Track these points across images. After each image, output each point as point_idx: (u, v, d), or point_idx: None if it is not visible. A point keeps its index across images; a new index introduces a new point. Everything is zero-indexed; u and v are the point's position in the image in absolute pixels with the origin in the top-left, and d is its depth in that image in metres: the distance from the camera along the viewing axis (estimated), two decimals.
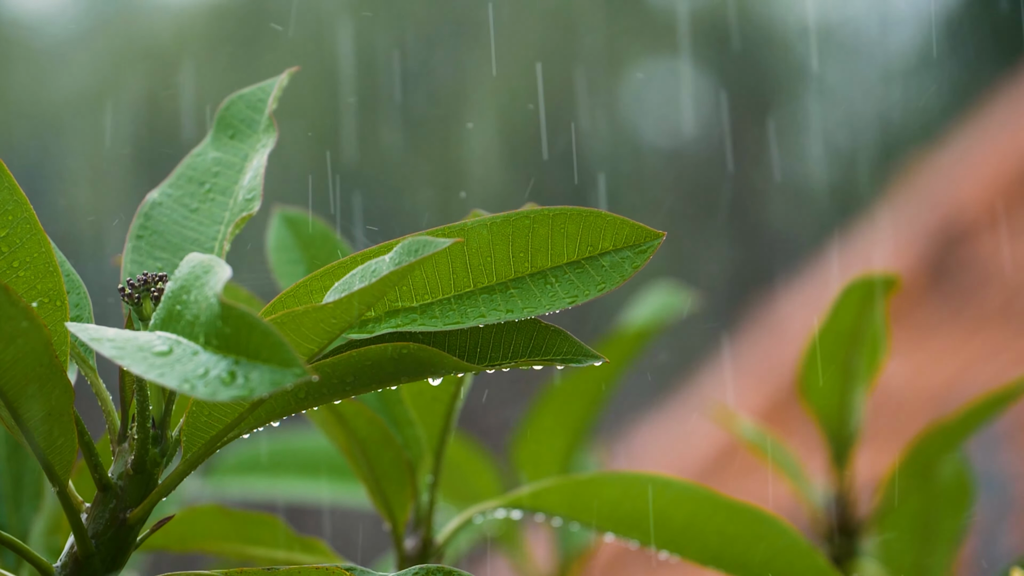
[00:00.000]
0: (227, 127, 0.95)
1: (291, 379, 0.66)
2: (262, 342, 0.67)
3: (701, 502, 1.07)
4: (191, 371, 0.68)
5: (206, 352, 0.70)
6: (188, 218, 0.92)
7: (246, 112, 0.96)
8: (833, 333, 1.53)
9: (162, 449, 0.84)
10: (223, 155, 0.94)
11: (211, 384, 0.67)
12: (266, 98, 0.96)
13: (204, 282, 0.72)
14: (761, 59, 6.04)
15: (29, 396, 0.77)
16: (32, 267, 0.84)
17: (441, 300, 0.84)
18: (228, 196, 0.93)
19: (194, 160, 0.95)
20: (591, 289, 0.83)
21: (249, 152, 0.94)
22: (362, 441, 1.08)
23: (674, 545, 1.08)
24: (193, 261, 0.75)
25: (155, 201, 0.94)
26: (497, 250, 0.83)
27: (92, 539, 0.83)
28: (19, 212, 0.84)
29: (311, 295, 0.83)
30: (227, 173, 0.93)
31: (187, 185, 0.93)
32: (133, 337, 0.72)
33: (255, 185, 0.91)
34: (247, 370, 0.68)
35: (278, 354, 0.67)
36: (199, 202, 0.93)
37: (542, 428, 1.74)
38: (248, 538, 1.14)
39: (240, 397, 0.66)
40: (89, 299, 0.88)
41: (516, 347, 0.83)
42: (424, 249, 0.75)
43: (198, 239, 0.92)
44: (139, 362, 0.69)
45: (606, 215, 0.83)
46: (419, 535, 1.15)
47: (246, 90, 0.96)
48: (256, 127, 0.95)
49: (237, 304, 0.69)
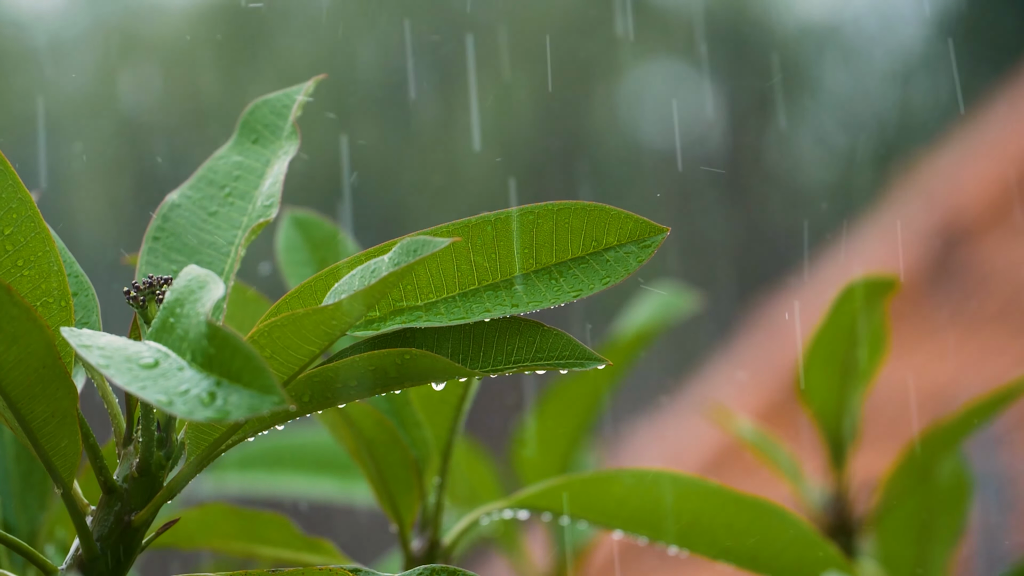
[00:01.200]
0: (250, 132, 0.95)
1: (268, 406, 0.66)
2: (244, 365, 0.67)
3: (710, 496, 1.06)
4: (173, 387, 0.68)
5: (191, 369, 0.69)
6: (206, 221, 0.92)
7: (270, 118, 0.95)
8: (832, 334, 1.53)
9: (167, 452, 0.83)
10: (245, 159, 0.93)
11: (190, 403, 0.67)
12: (291, 104, 0.95)
13: (197, 297, 0.72)
14: (762, 60, 6.04)
15: (32, 398, 0.77)
16: (36, 266, 0.83)
17: (446, 298, 0.83)
18: (247, 201, 0.92)
19: (215, 163, 0.94)
20: (595, 283, 0.83)
21: (271, 158, 0.93)
22: (369, 442, 1.07)
23: (683, 540, 1.07)
24: (190, 274, 0.75)
25: (174, 203, 0.93)
26: (501, 246, 0.83)
27: (97, 542, 0.83)
28: (23, 210, 0.83)
29: (315, 296, 0.83)
30: (247, 178, 0.93)
31: (207, 188, 0.93)
32: (123, 346, 0.72)
33: (275, 191, 0.90)
34: (227, 392, 0.67)
35: (258, 379, 0.67)
36: (218, 205, 0.92)
37: (542, 430, 1.74)
38: (255, 537, 1.14)
39: (216, 419, 0.66)
40: (97, 301, 0.88)
41: (519, 352, 0.83)
42: (423, 249, 0.75)
43: (215, 243, 0.91)
44: (124, 373, 0.68)
45: (610, 209, 0.83)
46: (426, 536, 1.14)
47: (271, 95, 0.96)
48: (279, 133, 0.94)
49: (222, 325, 0.68)
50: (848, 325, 1.51)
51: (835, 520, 1.58)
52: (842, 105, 5.89)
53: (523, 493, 1.08)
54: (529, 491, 1.07)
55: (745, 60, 6.06)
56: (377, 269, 0.76)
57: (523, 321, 0.83)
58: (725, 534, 1.06)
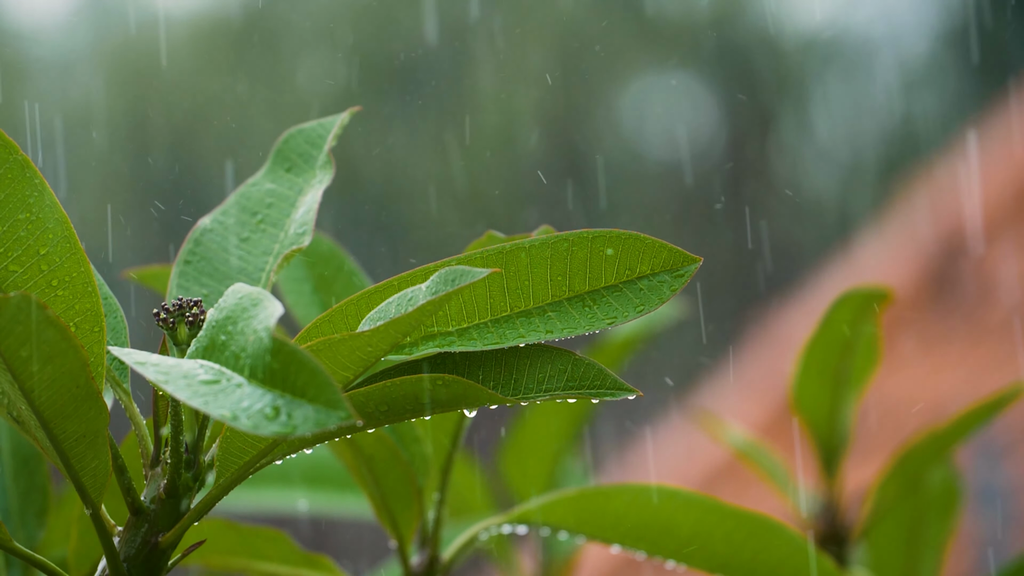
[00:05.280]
0: (284, 160, 0.95)
1: (335, 421, 0.66)
2: (310, 380, 0.67)
3: (707, 511, 1.07)
4: (235, 402, 0.68)
5: (250, 385, 0.69)
6: (238, 247, 0.92)
7: (304, 147, 0.95)
8: (824, 344, 1.54)
9: (195, 474, 0.84)
10: (278, 187, 0.94)
11: (254, 417, 0.67)
12: (326, 135, 0.95)
13: (252, 315, 0.72)
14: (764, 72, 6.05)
15: (65, 417, 0.77)
16: (71, 287, 0.84)
17: (478, 324, 0.83)
18: (279, 228, 0.92)
19: (248, 190, 0.94)
20: (630, 311, 0.83)
21: (304, 186, 0.94)
22: (369, 458, 1.07)
23: (681, 554, 1.07)
24: (240, 292, 0.75)
25: (206, 227, 0.93)
26: (535, 274, 0.83)
27: (124, 563, 0.83)
28: (59, 231, 0.84)
29: (347, 320, 0.83)
30: (280, 205, 0.93)
31: (239, 214, 0.93)
32: (176, 364, 0.72)
33: (307, 220, 0.90)
34: (291, 407, 0.67)
35: (324, 394, 0.67)
36: (250, 232, 0.93)
37: (529, 439, 1.74)
38: (254, 553, 1.14)
39: (282, 434, 0.66)
40: (126, 322, 0.88)
41: (551, 380, 0.83)
42: (461, 279, 0.75)
43: (245, 268, 0.91)
44: (183, 389, 0.69)
45: (644, 238, 0.83)
46: (426, 552, 1.14)
47: (306, 125, 0.96)
48: (313, 163, 0.95)
49: (288, 340, 0.68)
50: (840, 336, 1.52)
51: (827, 529, 1.59)
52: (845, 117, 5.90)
53: (521, 508, 1.08)
54: (527, 506, 1.08)
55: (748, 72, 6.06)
56: (414, 297, 0.76)
57: (555, 349, 0.83)
58: (722, 548, 1.07)
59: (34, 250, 0.84)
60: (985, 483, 3.07)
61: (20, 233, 0.83)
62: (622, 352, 1.76)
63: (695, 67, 6.16)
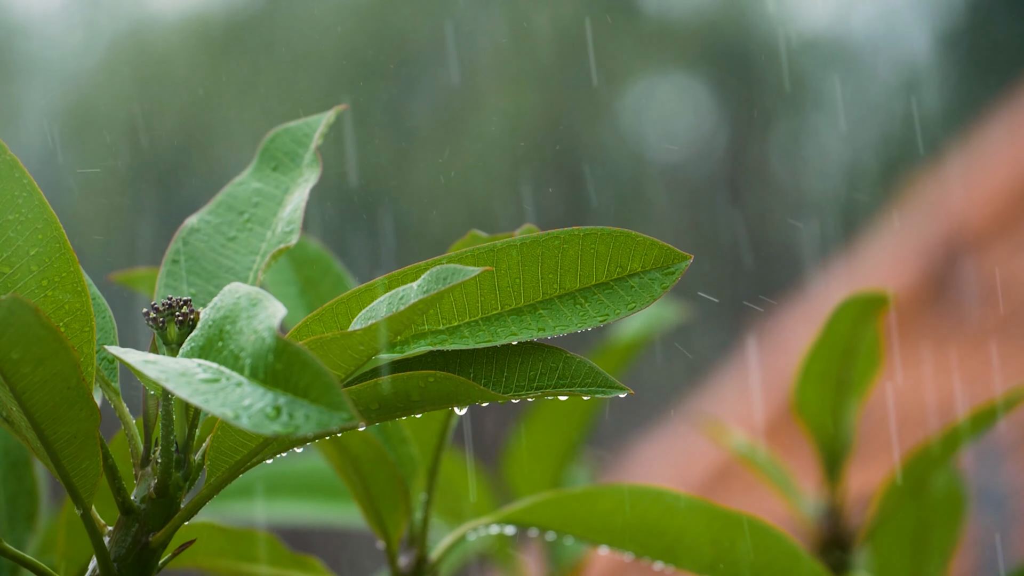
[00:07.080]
0: (270, 159, 0.95)
1: (338, 422, 0.66)
2: (312, 381, 0.67)
3: (695, 512, 1.07)
4: (235, 401, 0.68)
5: (250, 384, 0.69)
6: (225, 246, 0.92)
7: (291, 146, 0.95)
8: (826, 349, 1.54)
9: (185, 473, 0.84)
10: (264, 186, 0.94)
11: (255, 417, 0.67)
12: (312, 133, 0.95)
13: (252, 315, 0.72)
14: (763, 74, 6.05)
15: (56, 419, 0.77)
16: (61, 287, 0.83)
17: (470, 322, 0.83)
18: (266, 227, 0.92)
19: (234, 189, 0.94)
20: (621, 309, 0.83)
21: (291, 185, 0.94)
22: (356, 459, 1.08)
23: (669, 555, 1.07)
24: (238, 292, 0.75)
25: (193, 227, 0.93)
26: (526, 271, 0.83)
27: (114, 563, 0.83)
28: (49, 231, 0.83)
29: (337, 319, 0.83)
30: (267, 204, 0.93)
31: (226, 213, 0.93)
32: (175, 363, 0.72)
33: (295, 218, 0.90)
34: (293, 407, 0.67)
35: (327, 395, 0.67)
36: (237, 231, 0.93)
37: (533, 443, 1.74)
38: (242, 555, 1.14)
39: (284, 434, 0.66)
40: (114, 322, 0.88)
41: (542, 377, 0.83)
42: (453, 277, 0.75)
43: (233, 268, 0.91)
44: (184, 387, 0.68)
45: (635, 236, 0.83)
46: (413, 553, 1.15)
47: (292, 124, 0.96)
48: (299, 161, 0.95)
49: (291, 341, 0.68)
50: (842, 341, 1.53)
51: (830, 533, 1.59)
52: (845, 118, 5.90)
53: (508, 509, 1.08)
54: (514, 507, 1.08)
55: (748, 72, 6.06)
56: (406, 296, 0.76)
57: (546, 347, 0.83)
58: (711, 550, 1.07)
59: (24, 251, 0.83)
60: (986, 485, 3.06)
61: (9, 234, 0.83)
62: (624, 356, 1.76)
63: (695, 67, 6.16)
